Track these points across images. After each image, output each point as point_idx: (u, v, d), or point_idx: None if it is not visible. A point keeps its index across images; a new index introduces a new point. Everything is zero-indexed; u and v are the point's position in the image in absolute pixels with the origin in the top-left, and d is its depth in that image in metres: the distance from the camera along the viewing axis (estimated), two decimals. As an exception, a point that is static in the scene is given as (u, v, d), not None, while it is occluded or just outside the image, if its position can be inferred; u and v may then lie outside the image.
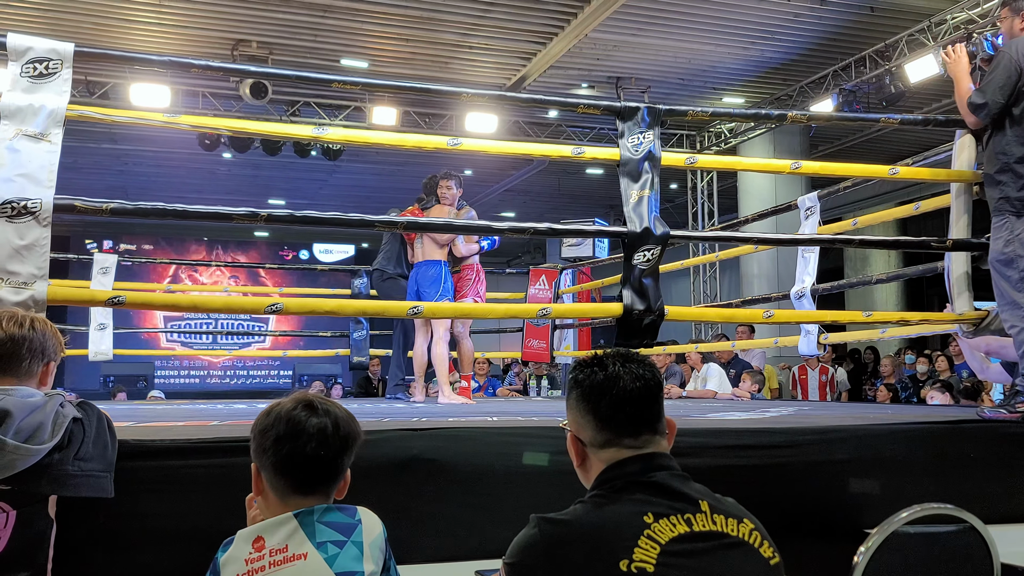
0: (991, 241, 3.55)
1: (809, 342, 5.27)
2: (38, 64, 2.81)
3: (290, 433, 1.63)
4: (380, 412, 4.24)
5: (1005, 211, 3.47)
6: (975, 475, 2.88)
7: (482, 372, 9.97)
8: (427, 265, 5.79)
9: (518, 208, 17.83)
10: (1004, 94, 3.44)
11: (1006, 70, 3.44)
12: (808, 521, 2.56)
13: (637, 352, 1.66)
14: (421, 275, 5.78)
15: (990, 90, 3.47)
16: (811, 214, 5.30)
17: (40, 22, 9.26)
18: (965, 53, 3.70)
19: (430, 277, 5.73)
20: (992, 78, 3.47)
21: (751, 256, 12.15)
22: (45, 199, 2.64)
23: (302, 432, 1.63)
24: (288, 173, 15.32)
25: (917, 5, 9.35)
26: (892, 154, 13.37)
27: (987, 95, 3.47)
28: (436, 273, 5.74)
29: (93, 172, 14.68)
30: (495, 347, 12.07)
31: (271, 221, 3.11)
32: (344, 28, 9.80)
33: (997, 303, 3.57)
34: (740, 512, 1.54)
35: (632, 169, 3.48)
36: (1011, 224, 3.44)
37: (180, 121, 3.27)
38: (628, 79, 11.27)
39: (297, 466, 1.63)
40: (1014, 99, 3.45)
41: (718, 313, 5.33)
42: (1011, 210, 3.44)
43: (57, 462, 1.85)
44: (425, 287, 5.72)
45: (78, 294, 3.37)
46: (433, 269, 5.75)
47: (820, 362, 9.57)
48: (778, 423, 3.18)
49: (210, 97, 11.26)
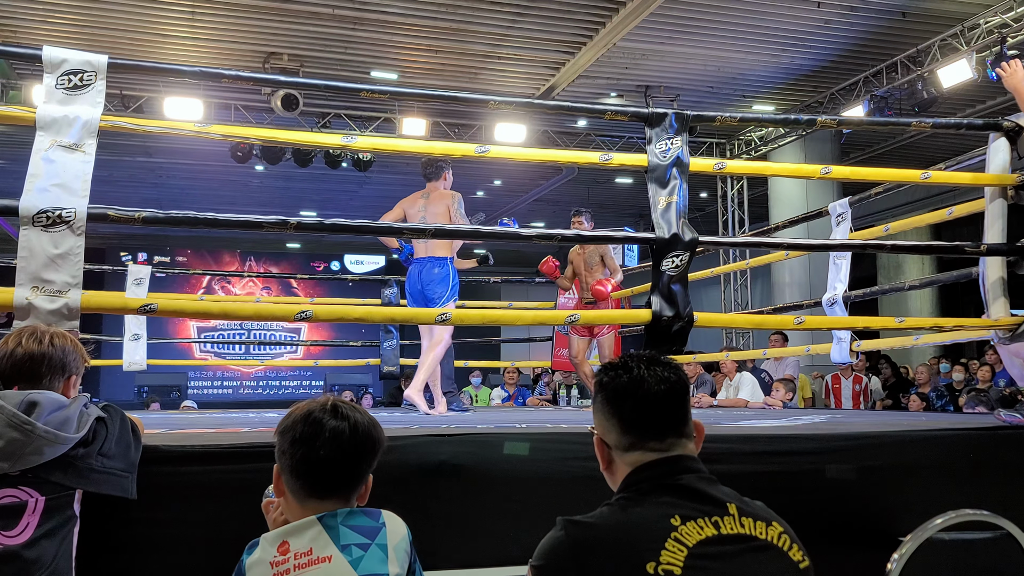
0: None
1: (841, 349, 5.20)
2: (73, 76, 2.86)
3: (307, 435, 1.63)
4: (409, 420, 4.26)
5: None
6: (1012, 482, 2.82)
7: (512, 382, 9.98)
8: (432, 262, 5.29)
9: (548, 218, 17.84)
10: None
11: None
12: (841, 528, 2.52)
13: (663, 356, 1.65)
14: (426, 273, 5.29)
15: None
16: (842, 220, 5.24)
17: (78, 38, 9.45)
18: (1021, 65, 3.67)
19: (436, 276, 5.25)
20: None
21: (782, 264, 12.04)
22: (79, 208, 2.68)
23: (318, 435, 1.63)
24: (319, 185, 15.46)
25: (949, 10, 9.23)
26: (925, 161, 13.17)
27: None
28: (443, 272, 5.27)
29: (129, 185, 14.93)
30: (524, 356, 12.06)
31: (301, 229, 3.14)
32: (374, 40, 9.89)
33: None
34: (769, 515, 1.52)
35: (660, 175, 3.46)
36: None
37: (210, 131, 3.31)
38: (657, 88, 11.25)
39: (311, 469, 1.63)
40: None
41: (748, 319, 5.28)
42: None
43: (82, 456, 1.90)
44: (432, 287, 5.24)
45: (112, 302, 3.41)
46: (439, 267, 5.27)
47: (854, 371, 9.45)
48: (810, 430, 3.14)
49: (242, 110, 11.41)
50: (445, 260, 5.30)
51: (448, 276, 5.27)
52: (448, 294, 5.24)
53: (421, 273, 5.32)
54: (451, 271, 5.31)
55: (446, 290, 5.24)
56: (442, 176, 5.48)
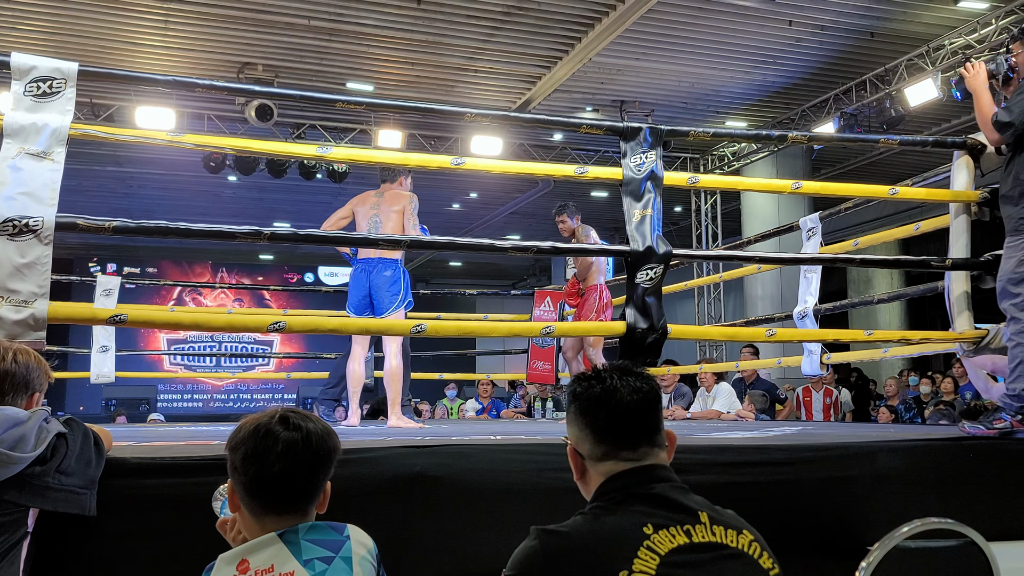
0: (1003, 260, 3.54)
1: (812, 362, 5.26)
2: (42, 83, 2.83)
3: (259, 451, 1.56)
4: (384, 432, 4.23)
5: (1022, 231, 3.46)
6: (977, 492, 2.86)
7: (486, 394, 9.96)
8: (383, 264, 4.87)
9: (523, 231, 17.89)
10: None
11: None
12: (810, 537, 2.55)
13: (636, 365, 1.67)
14: (376, 276, 4.85)
15: (1018, 110, 3.45)
16: (813, 235, 5.31)
17: (47, 45, 9.36)
18: (984, 69, 3.69)
19: (387, 278, 4.84)
20: (1021, 98, 3.46)
21: (755, 277, 12.16)
22: (47, 217, 2.65)
23: (270, 450, 1.56)
24: (293, 196, 15.39)
25: (916, 31, 9.42)
26: (893, 177, 13.37)
27: (1014, 114, 3.45)
28: (395, 274, 4.87)
29: (98, 195, 14.78)
30: (500, 369, 12.06)
31: (274, 239, 3.13)
32: (350, 52, 9.89)
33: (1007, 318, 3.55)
34: (740, 523, 1.54)
35: (635, 188, 3.50)
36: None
37: (183, 140, 3.29)
38: (632, 103, 11.35)
39: (266, 486, 1.56)
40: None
41: (720, 332, 5.32)
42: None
43: (38, 474, 1.85)
44: (382, 289, 4.82)
45: (80, 312, 3.37)
46: (390, 268, 4.87)
47: (824, 384, 9.56)
48: (780, 440, 3.17)
49: (215, 120, 11.33)
50: (396, 262, 4.92)
51: (399, 280, 4.87)
52: (400, 301, 4.84)
53: (370, 275, 4.87)
54: (403, 274, 4.93)
55: (397, 295, 4.82)
56: (398, 180, 5.13)
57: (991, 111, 3.54)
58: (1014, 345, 3.39)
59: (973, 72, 3.69)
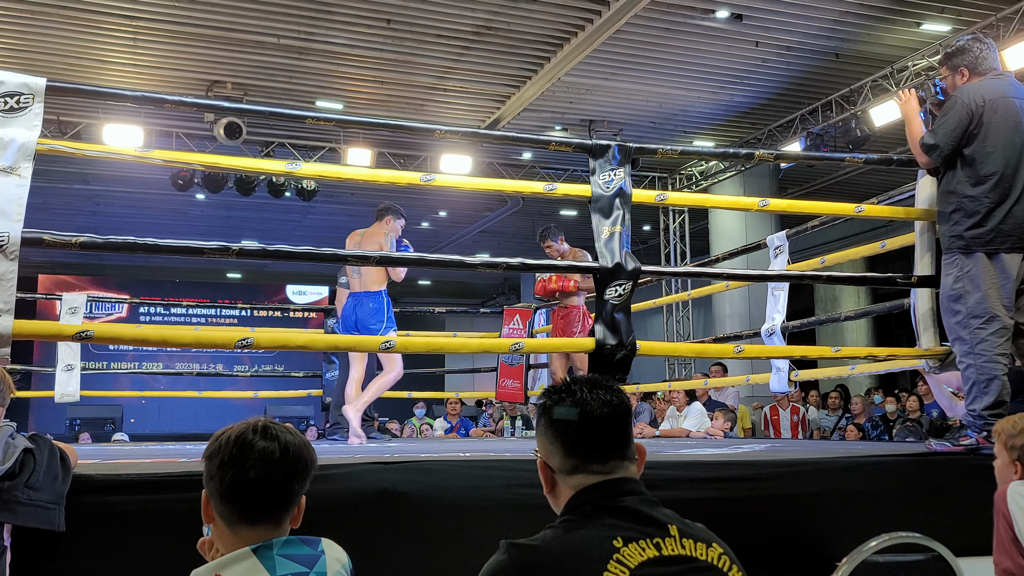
0: (942, 277, 3.64)
1: (780, 379, 5.31)
2: (9, 99, 2.80)
3: (235, 457, 1.57)
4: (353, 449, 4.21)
5: (955, 248, 3.56)
6: (942, 506, 2.90)
7: (455, 412, 9.92)
8: (367, 297, 5.40)
9: (493, 249, 17.89)
10: (955, 136, 3.56)
11: (958, 114, 3.57)
12: (779, 553, 2.56)
13: (606, 379, 1.67)
14: (360, 307, 5.39)
15: (942, 132, 3.59)
16: (780, 253, 5.38)
17: (13, 62, 9.23)
18: (915, 96, 3.86)
19: (371, 310, 5.35)
20: (945, 120, 3.61)
21: (723, 295, 12.25)
22: (13, 232, 2.61)
23: (247, 457, 1.57)
24: (262, 214, 15.28)
25: (880, 52, 9.60)
26: (859, 196, 13.58)
27: (938, 137, 3.60)
28: (377, 305, 5.37)
29: (64, 213, 14.58)
30: (469, 388, 12.03)
31: (243, 255, 3.11)
32: (319, 70, 9.87)
33: (949, 339, 3.64)
34: (709, 537, 1.54)
35: (604, 205, 3.52)
36: (960, 261, 3.53)
37: (152, 156, 3.27)
38: (601, 122, 11.43)
39: (241, 492, 1.57)
40: (965, 141, 3.56)
41: (689, 348, 5.36)
42: (961, 247, 3.54)
43: (7, 489, 1.84)
44: (367, 320, 5.32)
45: (46, 329, 3.33)
46: (374, 301, 5.37)
47: (791, 401, 9.63)
48: (749, 457, 3.19)
49: (184, 138, 11.25)
50: (379, 294, 5.40)
51: (382, 309, 5.37)
52: (384, 327, 5.32)
53: (356, 308, 5.41)
54: (385, 303, 5.41)
55: (381, 323, 5.32)
56: (385, 220, 5.60)
57: (920, 135, 3.68)
58: (965, 367, 3.47)
59: (905, 99, 3.87)
